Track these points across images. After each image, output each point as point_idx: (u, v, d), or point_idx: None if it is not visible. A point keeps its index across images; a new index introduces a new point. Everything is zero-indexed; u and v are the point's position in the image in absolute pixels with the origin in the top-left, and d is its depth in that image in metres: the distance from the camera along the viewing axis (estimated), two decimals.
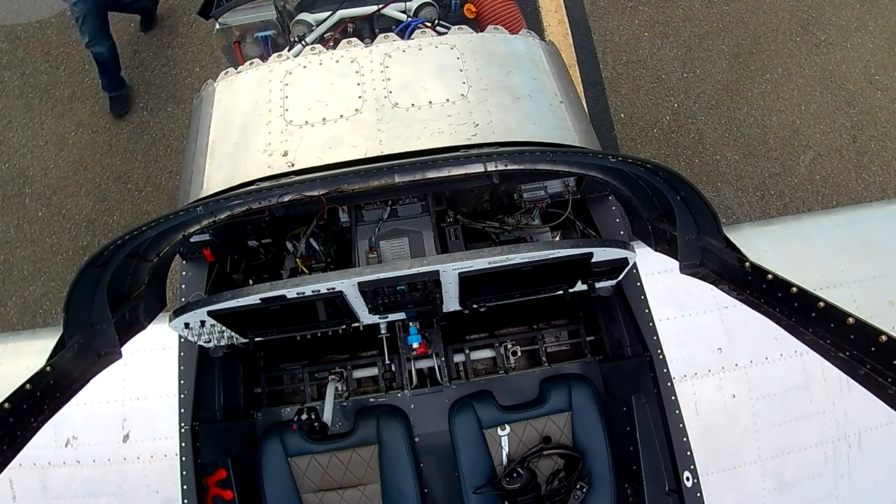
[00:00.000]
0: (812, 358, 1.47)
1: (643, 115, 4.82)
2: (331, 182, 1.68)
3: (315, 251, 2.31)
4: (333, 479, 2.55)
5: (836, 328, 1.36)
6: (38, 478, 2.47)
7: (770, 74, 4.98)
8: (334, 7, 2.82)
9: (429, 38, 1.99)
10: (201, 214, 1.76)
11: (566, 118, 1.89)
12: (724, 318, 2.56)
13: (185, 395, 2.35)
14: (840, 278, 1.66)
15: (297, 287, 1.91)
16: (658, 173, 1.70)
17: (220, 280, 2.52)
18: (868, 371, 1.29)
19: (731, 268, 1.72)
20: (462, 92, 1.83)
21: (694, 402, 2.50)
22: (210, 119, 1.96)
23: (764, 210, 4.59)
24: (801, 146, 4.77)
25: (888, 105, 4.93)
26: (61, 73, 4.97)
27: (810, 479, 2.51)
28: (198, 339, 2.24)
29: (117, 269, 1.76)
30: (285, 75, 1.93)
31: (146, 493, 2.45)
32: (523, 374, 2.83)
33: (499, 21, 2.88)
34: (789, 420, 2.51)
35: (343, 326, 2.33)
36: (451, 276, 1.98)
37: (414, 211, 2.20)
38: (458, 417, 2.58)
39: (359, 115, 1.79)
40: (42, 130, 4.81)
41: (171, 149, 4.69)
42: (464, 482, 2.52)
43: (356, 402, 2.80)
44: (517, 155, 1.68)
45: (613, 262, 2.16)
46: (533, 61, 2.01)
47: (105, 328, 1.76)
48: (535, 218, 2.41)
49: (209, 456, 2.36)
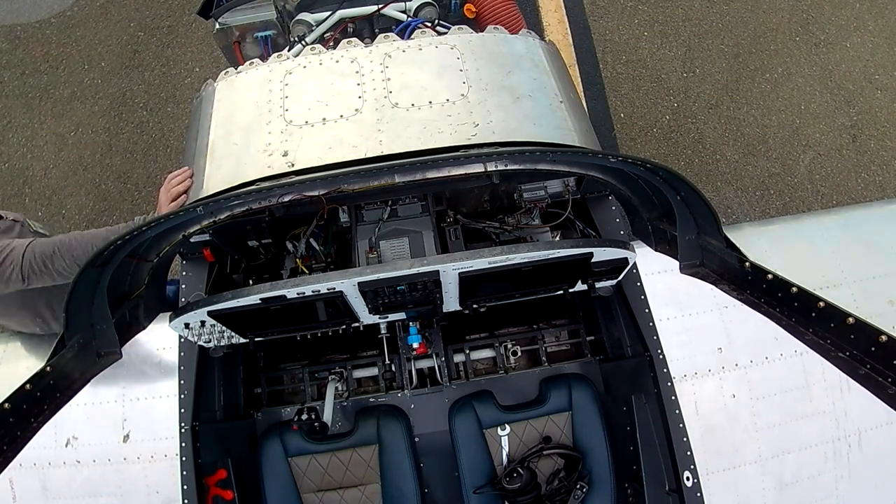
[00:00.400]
0: (812, 358, 1.47)
1: (643, 114, 4.82)
2: (331, 182, 1.68)
3: (315, 251, 2.31)
4: (333, 479, 2.55)
5: (836, 328, 1.36)
6: (38, 478, 2.47)
7: (770, 74, 4.98)
8: (334, 7, 2.82)
9: (429, 38, 1.99)
10: (201, 214, 1.75)
11: (566, 118, 1.89)
12: (724, 318, 2.56)
13: (186, 395, 2.35)
14: (840, 278, 1.66)
15: (297, 287, 1.91)
16: (658, 173, 1.70)
17: (220, 280, 2.52)
18: (868, 371, 1.28)
19: (731, 268, 1.72)
20: (462, 92, 1.83)
21: (694, 402, 2.50)
22: (210, 119, 1.96)
23: (764, 209, 4.60)
24: (801, 146, 4.77)
25: (888, 104, 4.94)
26: (61, 73, 4.97)
27: (810, 478, 2.51)
28: (198, 339, 2.24)
29: (117, 270, 1.76)
30: (285, 75, 1.93)
31: (146, 494, 2.45)
32: (523, 374, 2.83)
33: (499, 21, 2.88)
34: (789, 420, 2.51)
35: (343, 326, 2.32)
36: (451, 276, 1.98)
37: (414, 211, 2.20)
38: (458, 417, 2.58)
39: (359, 115, 1.79)
40: (42, 130, 4.80)
41: (170, 149, 4.69)
42: (464, 482, 2.52)
43: (356, 402, 2.80)
44: (517, 155, 1.68)
45: (613, 262, 2.16)
46: (533, 61, 2.01)
47: (105, 328, 1.76)
48: (535, 218, 2.41)
49: (209, 456, 2.36)
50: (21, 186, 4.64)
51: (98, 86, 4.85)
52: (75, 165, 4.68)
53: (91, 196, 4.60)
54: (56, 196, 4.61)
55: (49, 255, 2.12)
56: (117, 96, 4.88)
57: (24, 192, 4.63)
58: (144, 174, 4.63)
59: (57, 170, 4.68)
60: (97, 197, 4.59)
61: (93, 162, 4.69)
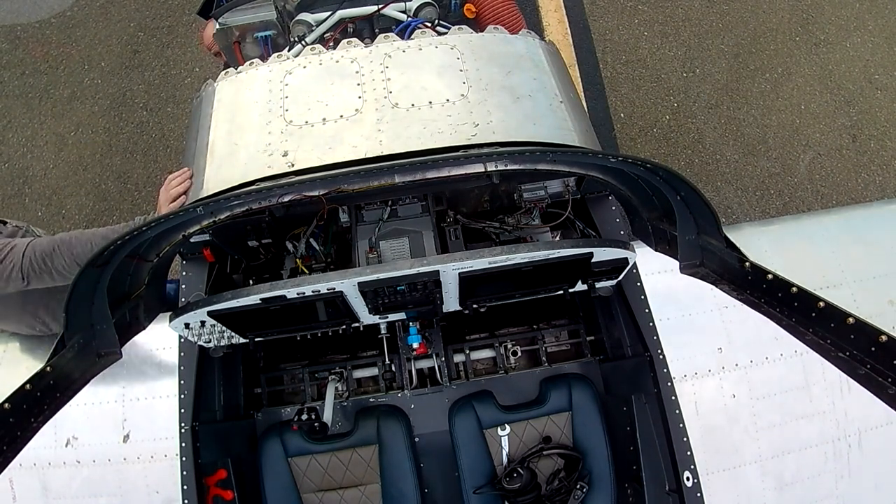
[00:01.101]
0: (812, 358, 1.47)
1: (643, 114, 4.82)
2: (331, 182, 1.68)
3: (315, 251, 2.31)
4: (333, 479, 2.55)
5: (836, 328, 1.36)
6: (38, 478, 2.47)
7: (770, 74, 4.98)
8: (334, 7, 2.82)
9: (429, 38, 1.99)
10: (201, 214, 1.75)
11: (566, 118, 1.89)
12: (724, 318, 2.56)
13: (186, 395, 2.35)
14: (840, 278, 1.66)
15: (297, 287, 1.91)
16: (658, 173, 1.70)
17: (220, 280, 2.52)
18: (868, 371, 1.28)
19: (731, 268, 1.72)
20: (462, 92, 1.83)
21: (694, 402, 2.50)
22: (210, 119, 1.96)
23: (764, 209, 4.60)
24: (801, 145, 4.77)
25: (888, 104, 4.94)
26: (61, 73, 4.97)
27: (810, 478, 2.51)
28: (198, 339, 2.24)
29: (117, 270, 1.76)
30: (285, 75, 1.93)
31: (146, 494, 2.45)
32: (523, 374, 2.83)
33: (499, 21, 2.88)
34: (789, 420, 2.52)
35: (343, 326, 2.32)
36: (451, 276, 1.98)
37: (414, 211, 2.20)
38: (458, 417, 2.58)
39: (359, 115, 1.79)
40: (42, 130, 4.80)
41: (170, 149, 4.69)
42: (464, 482, 2.52)
43: (356, 402, 2.80)
44: (517, 155, 1.68)
45: (613, 262, 2.16)
46: (533, 61, 2.01)
47: (105, 328, 1.76)
48: (535, 218, 2.41)
49: (209, 456, 2.36)
50: (21, 186, 4.64)
51: (98, 86, 4.85)
52: (75, 165, 4.68)
53: (91, 196, 4.59)
54: (56, 196, 4.61)
55: (49, 252, 2.12)
56: (117, 96, 4.88)
57: (24, 192, 4.63)
58: (144, 174, 4.63)
59: (57, 170, 4.68)
60: (97, 197, 4.59)
61: (93, 162, 4.69)
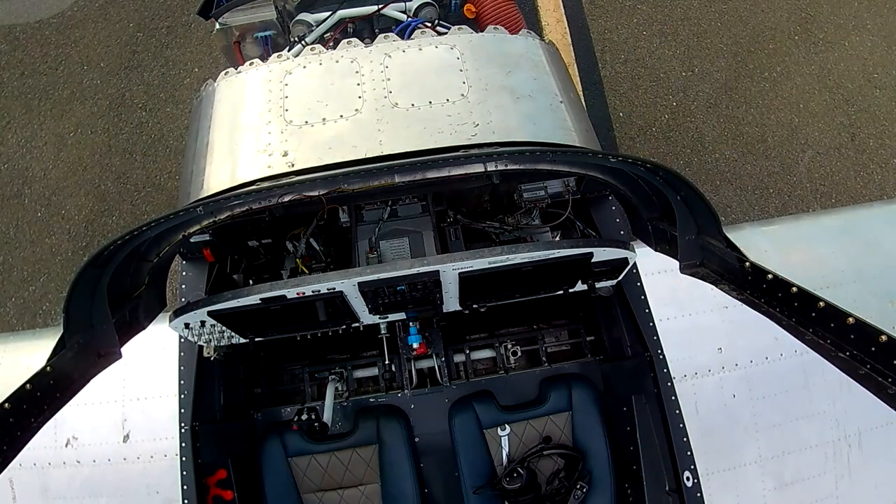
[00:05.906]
0: (812, 358, 1.47)
1: (642, 113, 4.82)
2: (331, 182, 1.68)
3: (315, 251, 2.31)
4: (333, 479, 2.55)
5: (836, 328, 1.37)
6: (38, 478, 2.47)
7: (769, 73, 4.98)
8: (334, 7, 2.83)
9: (429, 38, 1.99)
10: (201, 214, 1.76)
11: (566, 118, 1.89)
12: (724, 318, 2.57)
13: (186, 395, 2.35)
14: (840, 278, 1.66)
15: (297, 287, 1.91)
16: (658, 173, 1.70)
17: (220, 280, 2.52)
18: (868, 371, 1.29)
19: (731, 268, 1.72)
20: (462, 92, 1.83)
21: (694, 402, 2.50)
22: (210, 119, 1.96)
23: (763, 209, 4.60)
24: (800, 145, 4.78)
25: (887, 103, 4.94)
26: (60, 73, 4.96)
27: (810, 479, 2.52)
28: (198, 339, 2.24)
29: (117, 269, 1.76)
30: (285, 75, 1.93)
31: (146, 494, 2.45)
32: (523, 374, 2.83)
33: (499, 21, 2.88)
34: (789, 420, 2.52)
35: (343, 326, 2.32)
36: (451, 276, 1.98)
37: (414, 211, 2.20)
38: (458, 417, 2.58)
39: (359, 115, 1.79)
40: (41, 131, 4.80)
41: (170, 149, 4.69)
42: (464, 482, 2.52)
43: (356, 402, 2.80)
44: (517, 155, 1.68)
45: (613, 262, 2.16)
46: (533, 61, 2.01)
47: (105, 328, 1.76)
48: (535, 218, 2.41)
49: (209, 456, 2.35)
50: (21, 187, 4.64)
51: (97, 86, 4.84)
52: (75, 166, 4.68)
53: (90, 196, 4.59)
54: (55, 196, 4.61)
55: None
56: (116, 97, 4.88)
57: (24, 192, 4.63)
58: (144, 175, 4.63)
59: (56, 170, 4.68)
60: (96, 197, 4.59)
61: (92, 162, 4.69)
